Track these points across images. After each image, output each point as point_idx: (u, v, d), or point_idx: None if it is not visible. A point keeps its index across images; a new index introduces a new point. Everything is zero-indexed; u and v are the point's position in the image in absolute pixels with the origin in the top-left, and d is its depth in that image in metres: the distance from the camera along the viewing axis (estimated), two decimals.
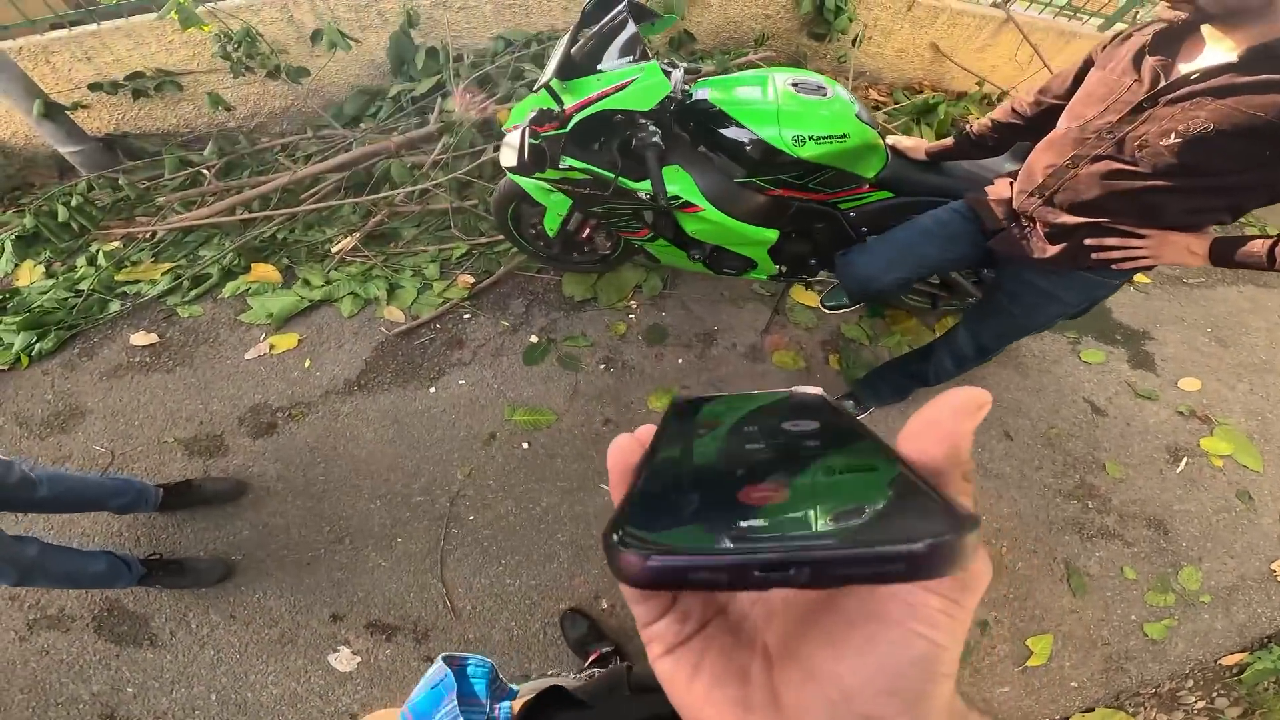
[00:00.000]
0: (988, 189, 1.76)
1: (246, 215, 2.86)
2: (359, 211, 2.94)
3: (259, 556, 2.12)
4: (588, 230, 2.50)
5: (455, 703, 0.55)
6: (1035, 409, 2.67)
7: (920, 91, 3.96)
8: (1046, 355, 2.86)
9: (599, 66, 1.86)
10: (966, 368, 2.07)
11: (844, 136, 1.92)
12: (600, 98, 1.81)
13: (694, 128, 2.03)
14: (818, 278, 2.46)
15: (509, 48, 3.27)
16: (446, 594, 2.07)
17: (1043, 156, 1.56)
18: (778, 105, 1.92)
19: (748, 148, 1.95)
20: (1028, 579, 2.26)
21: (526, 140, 1.94)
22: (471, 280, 2.75)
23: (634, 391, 2.53)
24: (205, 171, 2.99)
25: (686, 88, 1.99)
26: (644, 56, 1.84)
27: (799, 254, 2.29)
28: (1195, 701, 2.13)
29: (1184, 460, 2.64)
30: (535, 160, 2.00)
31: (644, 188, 1.98)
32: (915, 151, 2.04)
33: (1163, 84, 1.30)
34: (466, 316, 2.69)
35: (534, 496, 2.25)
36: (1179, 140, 1.28)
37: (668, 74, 1.94)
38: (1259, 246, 1.35)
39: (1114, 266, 1.53)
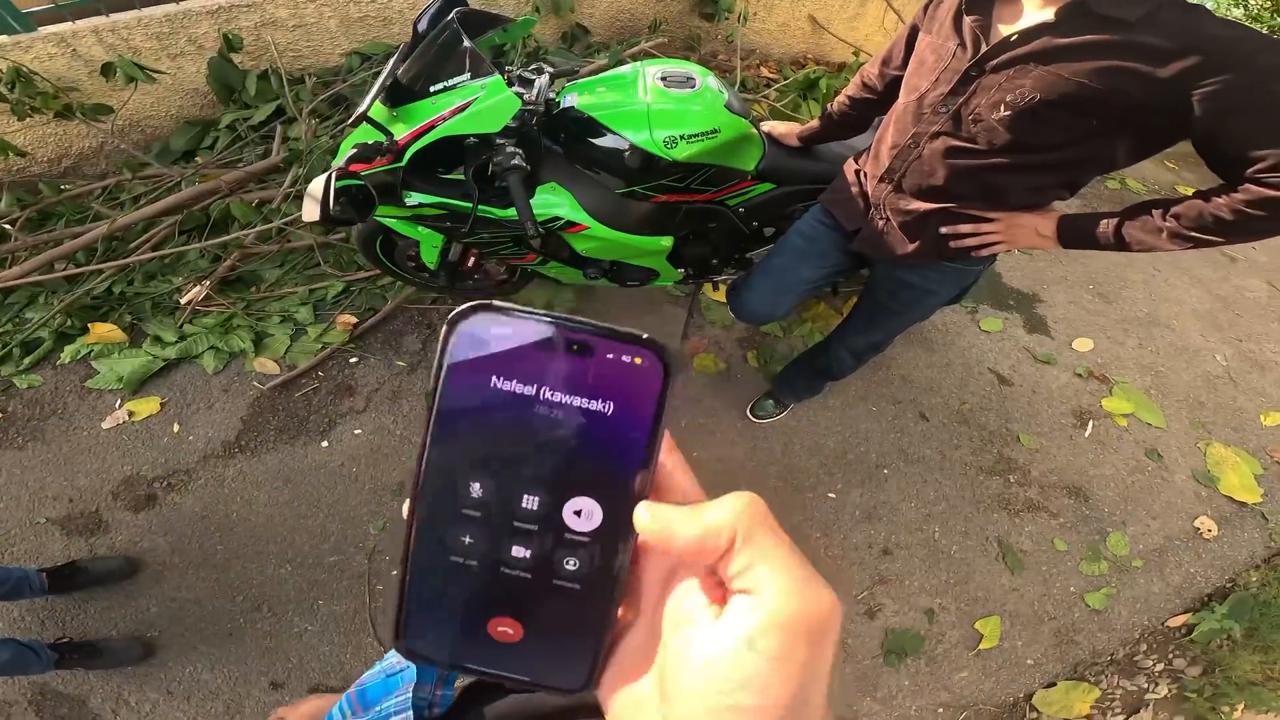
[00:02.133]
0: (838, 183, 1.70)
1: (72, 270, 2.47)
2: (207, 256, 2.61)
3: (176, 631, 1.94)
4: (473, 259, 2.31)
5: (410, 694, 0.55)
6: (945, 385, 2.71)
7: (805, 65, 4.04)
8: (949, 328, 2.92)
9: (431, 88, 1.65)
10: (865, 359, 2.07)
11: (715, 132, 1.83)
12: (436, 124, 1.62)
13: (566, 139, 1.91)
14: (724, 276, 2.39)
15: (365, 63, 3.01)
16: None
17: (887, 136, 1.50)
18: (648, 105, 1.81)
19: (625, 156, 1.83)
20: (964, 561, 2.27)
21: (333, 186, 1.66)
22: (353, 320, 2.49)
23: None
24: (8, 226, 2.55)
25: (553, 95, 1.86)
26: (486, 70, 1.64)
27: (699, 255, 2.22)
28: (1154, 665, 2.17)
29: (1090, 423, 2.70)
30: (358, 206, 1.78)
31: (512, 215, 1.81)
32: (788, 138, 2.00)
33: (984, 49, 1.23)
34: (353, 360, 2.45)
35: None
36: (1008, 113, 1.22)
37: (529, 83, 1.84)
38: (1106, 227, 1.30)
39: (972, 254, 1.48)
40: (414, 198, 1.79)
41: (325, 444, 2.23)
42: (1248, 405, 2.88)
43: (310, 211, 1.76)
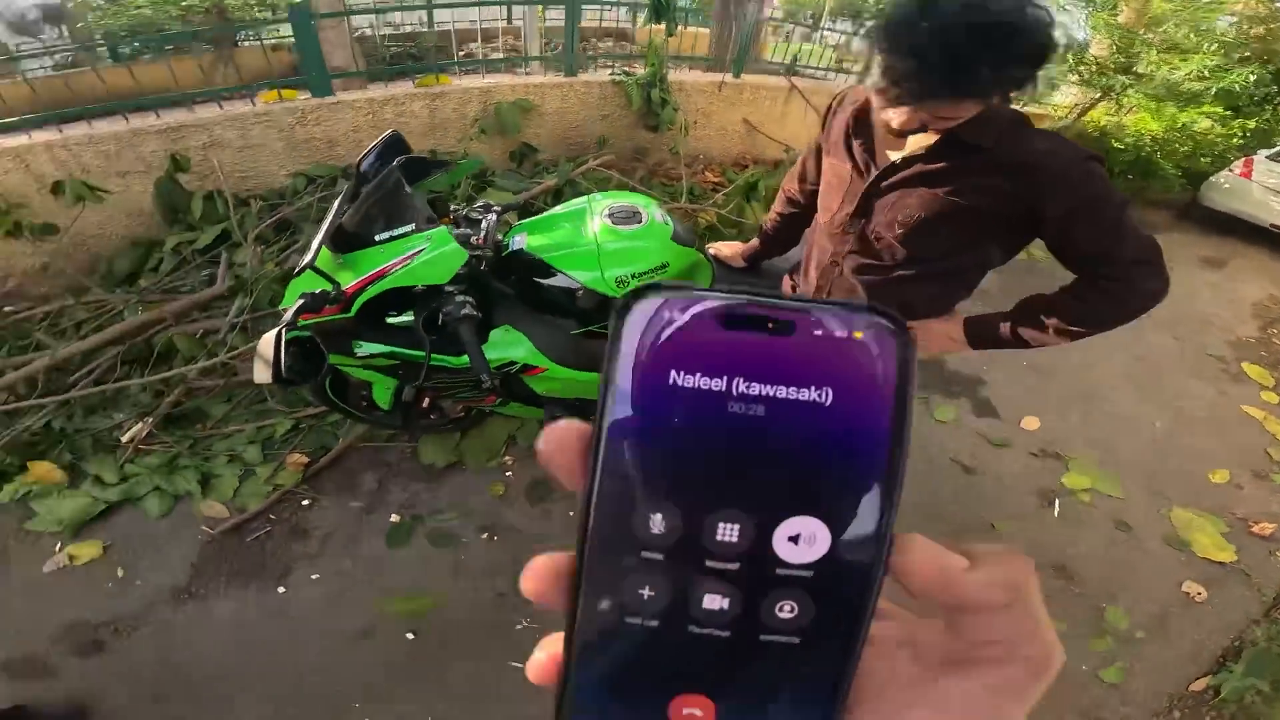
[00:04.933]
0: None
1: (13, 404, 2.46)
2: (149, 390, 2.66)
3: None
4: (427, 400, 2.43)
5: None
6: (913, 483, 2.77)
7: (745, 166, 4.42)
8: None
9: (376, 236, 1.67)
10: None
11: (664, 266, 1.86)
12: (385, 273, 1.64)
13: (517, 281, 1.94)
14: None
15: (310, 185, 3.14)
16: None
17: (812, 254, 1.60)
18: (597, 244, 1.83)
19: (578, 297, 1.88)
20: None
21: (283, 341, 1.62)
22: (304, 460, 2.59)
23: (525, 556, 2.42)
24: None
25: (500, 236, 1.88)
26: (429, 222, 1.68)
27: None
28: None
29: (1056, 501, 2.78)
30: (309, 359, 1.81)
31: (466, 363, 1.76)
32: (734, 260, 2.06)
33: (874, 174, 1.34)
34: (305, 503, 2.53)
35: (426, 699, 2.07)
36: (900, 230, 1.33)
37: (475, 222, 1.86)
38: (1005, 329, 1.41)
39: None
40: (364, 348, 1.80)
41: (281, 590, 2.29)
42: (1193, 467, 3.08)
43: (261, 373, 1.76)
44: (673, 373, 0.23)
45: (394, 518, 2.50)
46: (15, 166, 2.62)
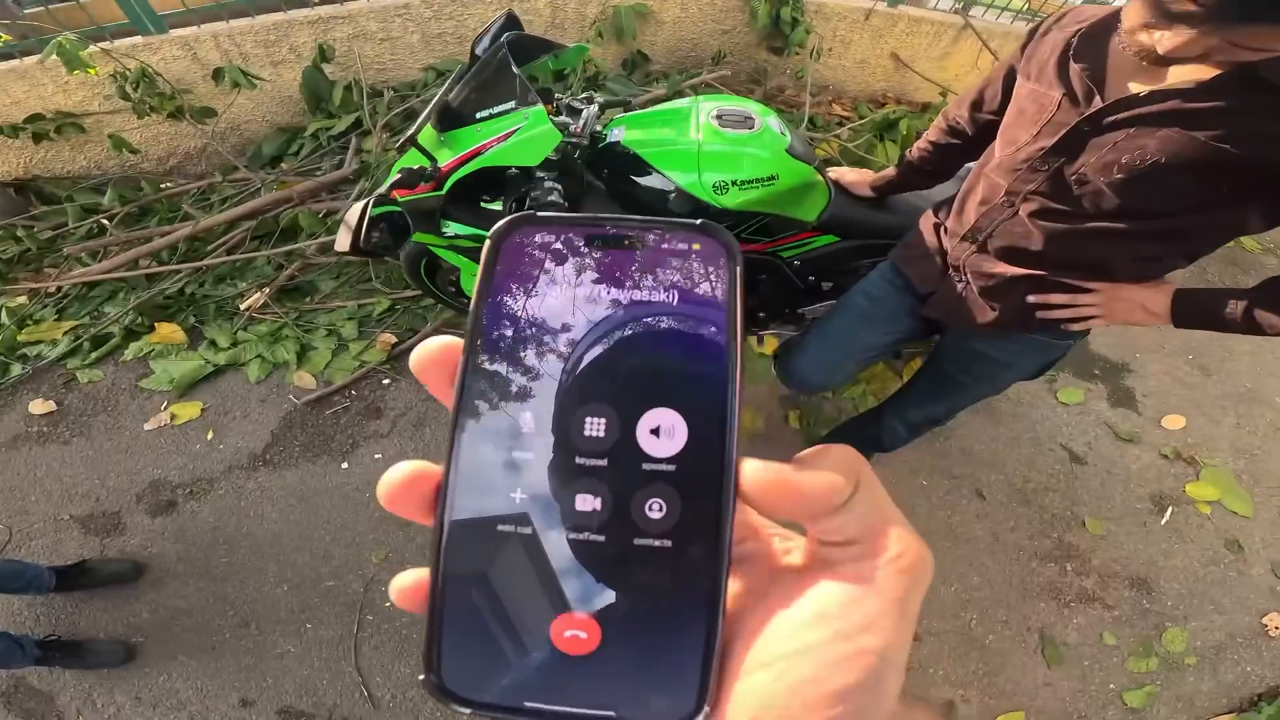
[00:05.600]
0: (912, 239, 1.52)
1: (153, 268, 2.62)
2: (273, 263, 2.70)
3: (162, 639, 1.97)
4: None
5: None
6: (1010, 461, 2.42)
7: (884, 105, 3.70)
8: (1021, 398, 2.60)
9: (477, 114, 1.59)
10: (921, 433, 1.86)
11: (772, 179, 1.66)
12: (479, 152, 1.56)
13: (609, 175, 1.79)
14: (769, 330, 2.20)
15: (439, 78, 3.03)
16: (363, 682, 1.89)
17: (976, 190, 1.32)
18: (699, 146, 1.65)
19: (670, 199, 1.69)
20: (999, 652, 2.06)
21: (369, 214, 1.68)
22: (393, 340, 2.49)
23: None
24: (106, 221, 2.75)
25: (599, 128, 1.73)
26: (531, 100, 1.55)
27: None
28: None
29: (1169, 509, 2.42)
30: (395, 233, 1.76)
31: None
32: (859, 186, 1.80)
33: (1099, 104, 1.06)
34: (386, 382, 2.44)
35: None
36: (1120, 175, 1.06)
37: (576, 112, 1.72)
38: (1235, 309, 1.13)
39: (1061, 327, 1.30)
40: (451, 227, 1.73)
41: (345, 465, 2.23)
42: None
43: (342, 241, 1.77)
44: (539, 285, 0.26)
45: None
46: (183, 54, 2.78)
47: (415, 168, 1.57)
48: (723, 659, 0.23)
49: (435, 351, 0.26)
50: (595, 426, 0.24)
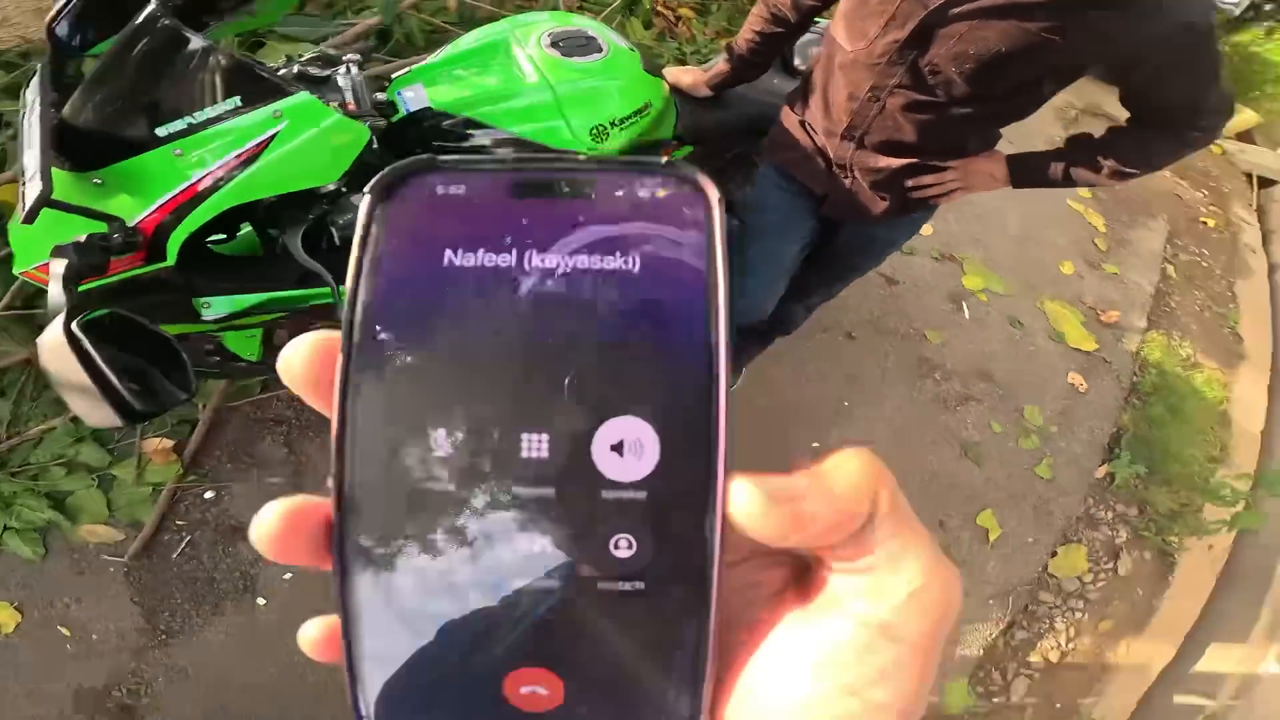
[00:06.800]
0: (784, 139, 1.53)
1: None
2: None
3: None
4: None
5: None
6: (850, 299, 2.44)
7: None
8: None
9: (158, 131, 1.05)
10: (815, 309, 2.00)
11: (647, 107, 1.49)
12: (198, 192, 1.05)
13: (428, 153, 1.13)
14: None
15: None
16: None
17: (838, 87, 1.37)
18: (551, 87, 1.37)
19: None
20: (942, 469, 2.34)
21: (81, 339, 0.85)
22: (168, 444, 1.74)
23: None
24: None
25: (379, 96, 1.32)
26: (272, 90, 1.07)
27: None
28: (1106, 515, 2.42)
29: (964, 303, 2.75)
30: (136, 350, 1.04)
31: None
32: (698, 88, 1.71)
33: None
34: (208, 495, 1.79)
35: None
36: (969, 65, 1.17)
37: (321, 82, 1.23)
38: (1056, 170, 1.36)
39: (930, 201, 1.49)
40: (218, 306, 1.23)
41: (261, 601, 1.81)
42: (1047, 257, 3.05)
43: (100, 415, 0.89)
44: (448, 254, 0.18)
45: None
46: None
47: (83, 240, 0.95)
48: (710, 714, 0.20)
49: (307, 352, 0.20)
50: (535, 445, 0.18)
